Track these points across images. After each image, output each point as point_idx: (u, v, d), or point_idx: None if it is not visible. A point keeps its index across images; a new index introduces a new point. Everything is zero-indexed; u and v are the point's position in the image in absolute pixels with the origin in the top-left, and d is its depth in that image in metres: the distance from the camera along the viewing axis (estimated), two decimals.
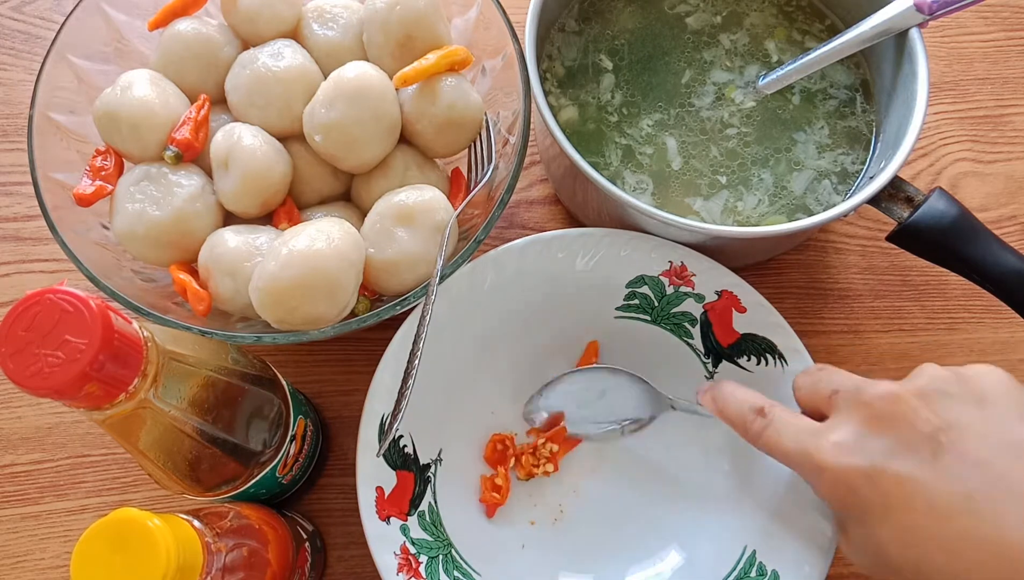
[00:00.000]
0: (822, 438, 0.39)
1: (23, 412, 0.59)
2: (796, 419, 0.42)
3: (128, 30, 0.56)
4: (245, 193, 0.50)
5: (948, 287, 0.63)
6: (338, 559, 0.56)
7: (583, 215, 0.61)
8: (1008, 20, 0.70)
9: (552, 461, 0.55)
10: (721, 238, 0.52)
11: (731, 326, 0.54)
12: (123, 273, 0.51)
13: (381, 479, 0.50)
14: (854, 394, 0.40)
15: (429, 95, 0.51)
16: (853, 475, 0.37)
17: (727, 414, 0.45)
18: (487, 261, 0.54)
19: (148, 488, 0.57)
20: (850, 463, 0.37)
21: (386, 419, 0.50)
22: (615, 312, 0.56)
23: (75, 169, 0.52)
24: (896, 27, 0.54)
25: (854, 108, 0.59)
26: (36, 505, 0.57)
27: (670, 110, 0.59)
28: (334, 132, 0.49)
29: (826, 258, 0.63)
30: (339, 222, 0.48)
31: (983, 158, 0.66)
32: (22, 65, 0.68)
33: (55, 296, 0.32)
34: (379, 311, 0.47)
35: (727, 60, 0.61)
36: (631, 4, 0.62)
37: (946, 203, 0.50)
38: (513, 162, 0.50)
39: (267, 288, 0.45)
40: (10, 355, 0.32)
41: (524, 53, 0.52)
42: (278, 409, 0.46)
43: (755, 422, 0.43)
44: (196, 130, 0.51)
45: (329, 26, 0.54)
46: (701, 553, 0.53)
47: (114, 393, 0.34)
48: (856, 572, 0.56)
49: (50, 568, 0.55)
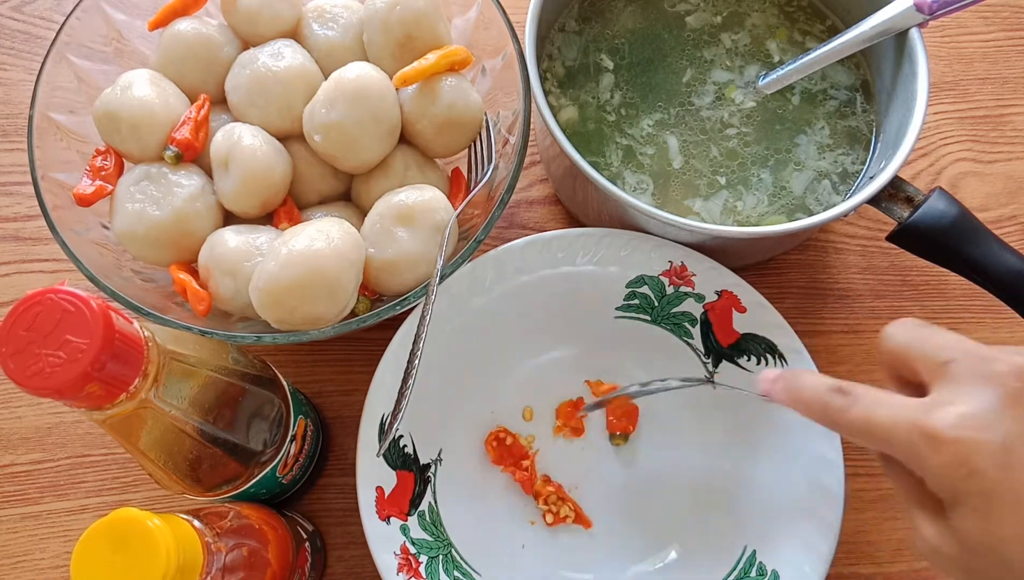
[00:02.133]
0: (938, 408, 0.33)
1: (23, 412, 0.59)
2: (888, 395, 0.36)
3: (128, 30, 0.56)
4: (245, 193, 0.50)
5: (948, 287, 0.63)
6: (338, 559, 0.56)
7: (583, 215, 0.61)
8: (1008, 20, 0.70)
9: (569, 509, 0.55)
10: (721, 238, 0.52)
11: (731, 326, 0.54)
12: (123, 273, 0.51)
13: (381, 479, 0.50)
14: (980, 365, 0.34)
15: (429, 95, 0.51)
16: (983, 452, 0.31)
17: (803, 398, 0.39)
18: (487, 261, 0.54)
19: (148, 488, 0.57)
20: (979, 437, 0.32)
21: (386, 419, 0.50)
22: (615, 312, 0.56)
23: (75, 169, 0.52)
24: (896, 27, 0.54)
25: (854, 108, 0.59)
26: (36, 505, 0.57)
27: (670, 109, 0.59)
28: (334, 132, 0.49)
29: (826, 258, 0.63)
30: (339, 222, 0.48)
31: (983, 158, 0.66)
32: (22, 65, 0.68)
33: (56, 296, 0.32)
34: (379, 311, 0.47)
35: (727, 60, 0.61)
36: (631, 4, 0.62)
37: (946, 203, 0.50)
38: (513, 162, 0.50)
39: (267, 288, 0.45)
40: (11, 355, 0.32)
41: (524, 53, 0.52)
42: (278, 409, 0.46)
43: (836, 400, 0.37)
44: (196, 130, 0.51)
45: (329, 26, 0.54)
46: (701, 553, 0.53)
47: (115, 393, 0.34)
48: (856, 572, 0.56)
49: (50, 568, 0.55)
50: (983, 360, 0.34)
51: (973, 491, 0.32)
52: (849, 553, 0.56)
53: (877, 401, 0.35)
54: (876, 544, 0.56)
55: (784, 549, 0.50)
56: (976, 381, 0.33)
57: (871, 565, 0.56)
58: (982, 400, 0.33)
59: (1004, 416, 0.32)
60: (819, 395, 0.37)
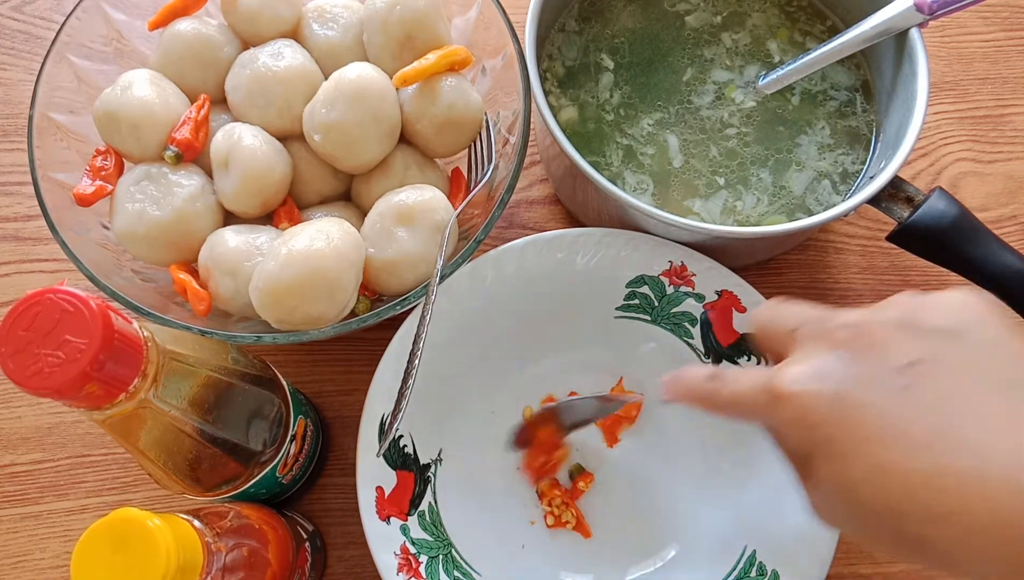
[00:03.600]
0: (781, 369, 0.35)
1: (23, 412, 0.59)
2: (749, 370, 0.39)
3: (128, 30, 0.56)
4: (245, 193, 0.50)
5: (948, 287, 0.63)
6: (338, 559, 0.56)
7: (583, 215, 0.61)
8: (1008, 20, 0.70)
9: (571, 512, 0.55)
10: (721, 238, 0.52)
11: (731, 326, 0.54)
12: (123, 273, 0.51)
13: (381, 479, 0.50)
14: (818, 326, 0.36)
15: (429, 95, 0.51)
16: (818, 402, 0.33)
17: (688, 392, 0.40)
18: (487, 261, 0.54)
19: (148, 488, 0.57)
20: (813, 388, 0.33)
21: (386, 419, 0.50)
22: (615, 312, 0.56)
23: (75, 169, 0.52)
24: (896, 27, 0.54)
25: (854, 108, 0.59)
26: (36, 505, 0.57)
27: (670, 108, 0.59)
28: (334, 132, 0.49)
29: (826, 258, 0.63)
30: (339, 222, 0.48)
31: (983, 158, 0.66)
32: (22, 65, 0.68)
33: (55, 296, 0.32)
34: (379, 311, 0.47)
35: (727, 59, 0.61)
36: (631, 3, 0.62)
37: (946, 203, 0.50)
38: (513, 162, 0.50)
39: (267, 288, 0.45)
40: (10, 355, 0.32)
41: (524, 53, 0.52)
42: (278, 409, 0.46)
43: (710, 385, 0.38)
44: (196, 130, 0.51)
45: (329, 26, 0.54)
46: (701, 553, 0.53)
47: (114, 393, 0.34)
48: (856, 572, 0.56)
49: (50, 568, 0.55)
50: (821, 320, 0.36)
51: (819, 441, 0.33)
52: (849, 553, 0.56)
53: (739, 377, 0.37)
54: None
55: (784, 549, 0.50)
56: (815, 341, 0.35)
57: (871, 565, 0.56)
58: (817, 355, 0.34)
59: (836, 367, 0.34)
60: (699, 384, 0.39)
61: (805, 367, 0.34)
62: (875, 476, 0.32)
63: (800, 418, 0.34)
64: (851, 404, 0.33)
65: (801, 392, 0.34)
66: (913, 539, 0.31)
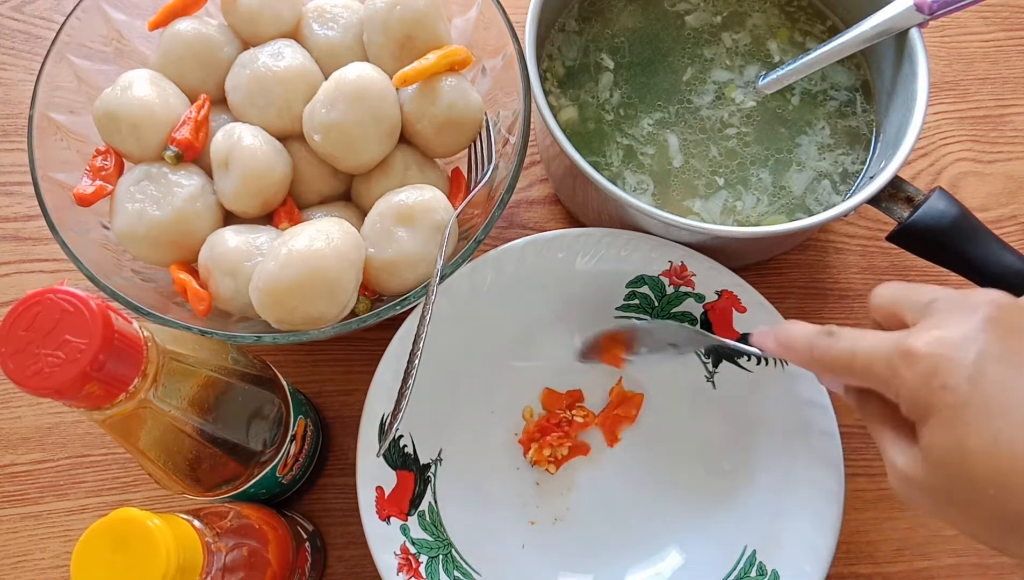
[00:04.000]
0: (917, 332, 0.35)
1: (23, 412, 0.59)
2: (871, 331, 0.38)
3: (128, 30, 0.56)
4: (245, 193, 0.50)
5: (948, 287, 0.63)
6: (338, 559, 0.56)
7: (583, 215, 0.61)
8: (1008, 20, 0.70)
9: (555, 463, 0.55)
10: (721, 238, 0.52)
11: (731, 326, 0.54)
12: (123, 273, 0.51)
13: (381, 479, 0.50)
14: (960, 299, 0.36)
15: (429, 95, 0.51)
16: (953, 367, 0.33)
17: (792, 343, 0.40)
18: (487, 261, 0.54)
19: (148, 488, 0.57)
20: (954, 355, 0.33)
21: (386, 419, 0.50)
22: (615, 312, 0.56)
23: (75, 169, 0.52)
24: (896, 27, 0.54)
25: (854, 108, 0.59)
26: (36, 505, 0.57)
27: (670, 108, 0.59)
28: (334, 132, 0.49)
29: (826, 258, 0.63)
30: (339, 222, 0.48)
31: (983, 158, 0.66)
32: (22, 65, 0.68)
33: (55, 296, 0.32)
34: (379, 311, 0.47)
35: (727, 59, 0.61)
36: (631, 3, 0.62)
37: (946, 203, 0.50)
38: (513, 162, 0.50)
39: (267, 288, 0.45)
40: (10, 355, 0.32)
41: (524, 53, 0.52)
42: (278, 409, 0.46)
43: (822, 340, 0.38)
44: (196, 130, 0.51)
45: (329, 26, 0.54)
46: (701, 553, 0.53)
47: (114, 393, 0.34)
48: (856, 572, 0.56)
49: (50, 568, 0.55)
50: (963, 295, 0.36)
51: (944, 404, 0.33)
52: (849, 553, 0.56)
53: (861, 335, 0.37)
54: (875, 544, 0.56)
55: (784, 549, 0.50)
56: (955, 311, 0.35)
57: (870, 565, 0.56)
58: (959, 324, 0.34)
59: (978, 339, 0.34)
60: (807, 337, 0.40)
61: (946, 333, 0.34)
62: (993, 448, 0.32)
63: (930, 378, 0.34)
64: (988, 377, 0.33)
65: (939, 355, 0.34)
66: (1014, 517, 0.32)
